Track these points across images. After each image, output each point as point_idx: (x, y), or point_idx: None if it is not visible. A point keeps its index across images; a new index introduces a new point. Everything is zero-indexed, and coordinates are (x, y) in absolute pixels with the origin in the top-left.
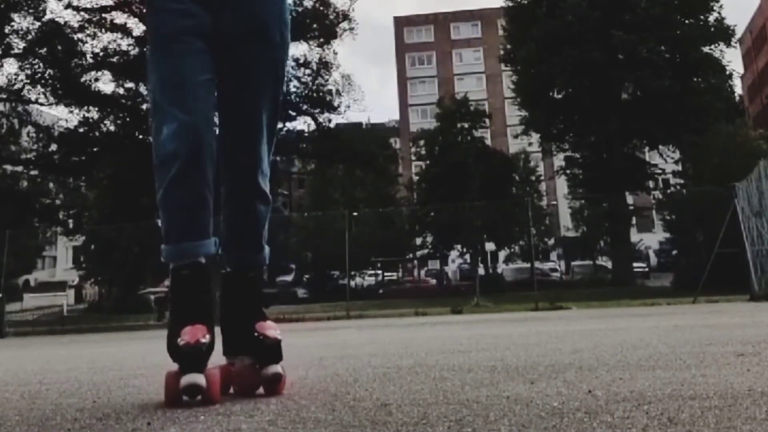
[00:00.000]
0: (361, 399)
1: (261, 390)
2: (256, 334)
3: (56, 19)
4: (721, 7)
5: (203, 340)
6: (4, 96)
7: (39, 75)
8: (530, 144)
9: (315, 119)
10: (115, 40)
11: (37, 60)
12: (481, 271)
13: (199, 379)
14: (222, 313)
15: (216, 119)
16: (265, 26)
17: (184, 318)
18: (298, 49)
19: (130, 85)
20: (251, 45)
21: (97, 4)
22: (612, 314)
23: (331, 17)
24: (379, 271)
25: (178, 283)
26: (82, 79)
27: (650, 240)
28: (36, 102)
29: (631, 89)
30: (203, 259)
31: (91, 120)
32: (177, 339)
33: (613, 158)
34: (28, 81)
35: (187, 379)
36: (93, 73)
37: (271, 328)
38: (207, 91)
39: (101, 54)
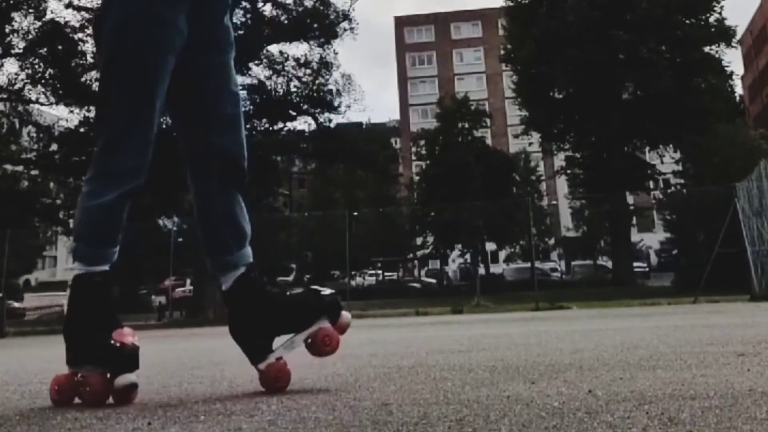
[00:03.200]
0: (362, 399)
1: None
2: (112, 341)
3: (57, 19)
4: (721, 7)
5: (137, 342)
6: (5, 96)
7: (39, 75)
8: (530, 144)
9: (315, 119)
10: None
11: (37, 60)
12: (481, 270)
13: (134, 377)
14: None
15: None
16: (224, 35)
17: (112, 324)
18: (298, 49)
19: None
20: (213, 52)
21: (97, 4)
22: (612, 314)
23: (332, 17)
24: (379, 271)
25: (92, 290)
26: (83, 79)
27: (651, 240)
28: (36, 102)
29: (631, 89)
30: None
31: (91, 120)
32: (110, 341)
33: (613, 158)
34: (29, 81)
35: (127, 378)
36: (93, 72)
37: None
38: (158, 117)
39: None
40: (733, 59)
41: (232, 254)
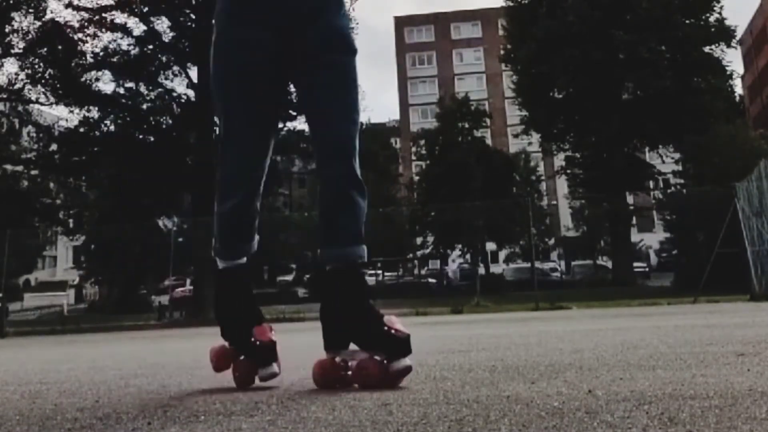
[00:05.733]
0: (362, 399)
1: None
2: (386, 328)
3: (56, 19)
4: (721, 7)
5: (274, 338)
6: (5, 96)
7: (39, 75)
8: (530, 144)
9: None
10: (115, 40)
11: (37, 60)
12: (481, 270)
13: (275, 368)
14: (326, 308)
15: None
16: (340, 34)
17: (250, 319)
18: None
19: (130, 84)
20: (329, 52)
21: (97, 4)
22: (612, 314)
23: None
24: (379, 271)
25: (230, 283)
26: (83, 79)
27: (650, 240)
28: (36, 102)
29: (631, 89)
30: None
31: (91, 120)
32: (250, 338)
33: (613, 158)
34: (29, 80)
35: (266, 371)
36: (93, 72)
37: (398, 323)
38: (269, 124)
39: (101, 54)
40: (733, 59)
41: (339, 247)
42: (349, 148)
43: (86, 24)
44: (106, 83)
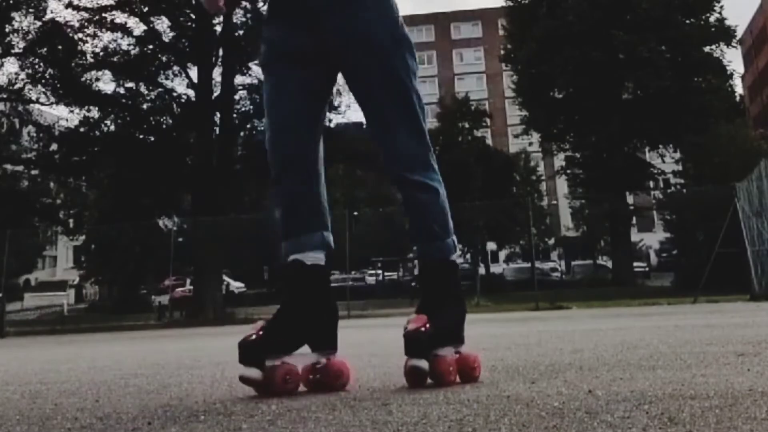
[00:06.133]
0: (362, 399)
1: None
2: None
3: (56, 19)
4: (721, 7)
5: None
6: (5, 95)
7: (39, 74)
8: (531, 144)
9: None
10: (115, 40)
11: (37, 59)
12: (481, 270)
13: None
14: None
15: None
16: (371, 33)
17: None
18: None
19: (130, 84)
20: (362, 53)
21: (97, 4)
22: (612, 314)
23: None
24: (379, 271)
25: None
26: (83, 79)
27: (650, 240)
28: (36, 101)
29: (631, 89)
30: (317, 257)
31: (91, 120)
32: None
33: (613, 158)
34: (29, 80)
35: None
36: (93, 72)
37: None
38: (298, 113)
39: (101, 53)
40: (733, 59)
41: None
42: (394, 158)
43: (86, 24)
44: (106, 83)
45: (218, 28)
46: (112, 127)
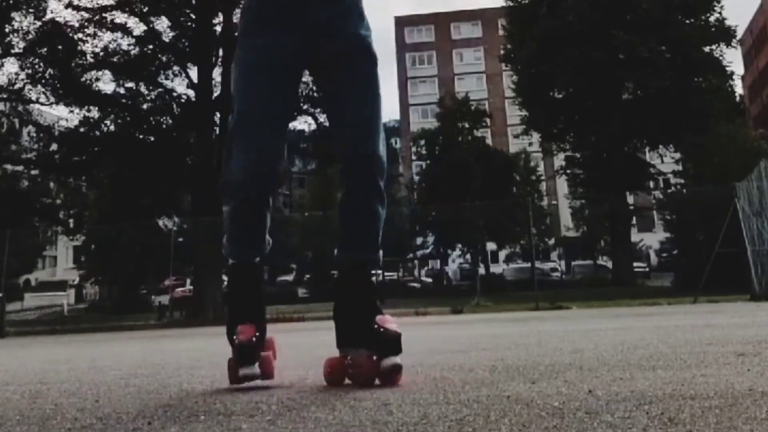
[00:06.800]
0: (362, 399)
1: (377, 381)
2: (376, 326)
3: (56, 19)
4: (721, 7)
5: (254, 339)
6: (5, 95)
7: (39, 74)
8: (531, 144)
9: (315, 119)
10: (115, 40)
11: (37, 60)
12: (481, 270)
13: (255, 369)
14: (337, 308)
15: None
16: (363, 45)
17: (239, 317)
18: None
19: (130, 84)
20: (352, 62)
21: (97, 4)
22: (612, 314)
23: None
24: (379, 271)
25: (235, 281)
26: (83, 79)
27: (651, 240)
28: (36, 101)
29: (631, 89)
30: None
31: (91, 120)
32: (233, 336)
33: (613, 158)
34: (29, 80)
35: (244, 371)
36: (93, 72)
37: (391, 322)
38: (282, 125)
39: (102, 53)
40: (733, 59)
41: (354, 252)
42: (374, 162)
43: (86, 24)
44: (106, 83)
45: (218, 28)
46: (112, 127)
